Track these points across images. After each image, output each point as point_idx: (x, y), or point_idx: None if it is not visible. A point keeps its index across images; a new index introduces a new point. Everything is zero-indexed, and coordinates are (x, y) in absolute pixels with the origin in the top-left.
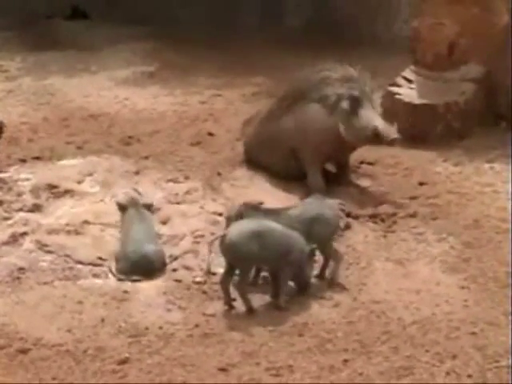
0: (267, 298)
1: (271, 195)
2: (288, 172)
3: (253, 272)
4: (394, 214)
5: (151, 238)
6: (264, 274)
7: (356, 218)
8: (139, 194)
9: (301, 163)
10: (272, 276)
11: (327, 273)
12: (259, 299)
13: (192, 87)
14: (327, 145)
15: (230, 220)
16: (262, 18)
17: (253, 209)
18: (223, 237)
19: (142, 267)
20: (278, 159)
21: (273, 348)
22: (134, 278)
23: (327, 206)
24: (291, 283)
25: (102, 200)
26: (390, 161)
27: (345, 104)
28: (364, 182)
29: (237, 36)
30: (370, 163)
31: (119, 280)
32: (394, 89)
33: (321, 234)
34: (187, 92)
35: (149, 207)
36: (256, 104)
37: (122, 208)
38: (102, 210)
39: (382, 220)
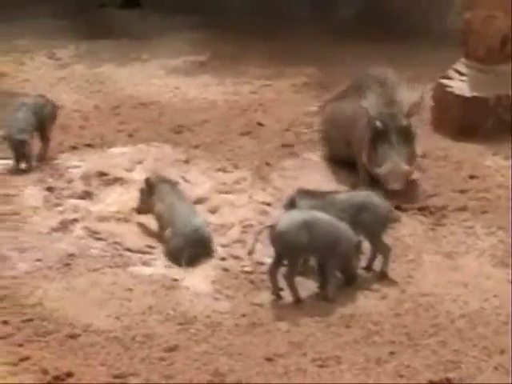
0: (315, 289)
1: (320, 186)
2: (341, 158)
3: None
4: (444, 207)
5: (195, 211)
6: (310, 264)
7: (405, 210)
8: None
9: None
10: (320, 267)
11: (376, 265)
12: (307, 289)
13: (242, 77)
14: None
15: (287, 208)
16: (312, 9)
17: (305, 194)
18: (272, 226)
19: (197, 240)
20: (337, 143)
21: (319, 339)
22: (188, 255)
23: (375, 195)
24: (338, 274)
25: None
26: (439, 153)
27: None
28: (413, 175)
29: (287, 26)
30: (419, 156)
31: (174, 263)
32: (446, 81)
33: (368, 222)
34: (237, 82)
35: (175, 185)
36: (306, 95)
37: (151, 186)
38: None
39: (431, 213)
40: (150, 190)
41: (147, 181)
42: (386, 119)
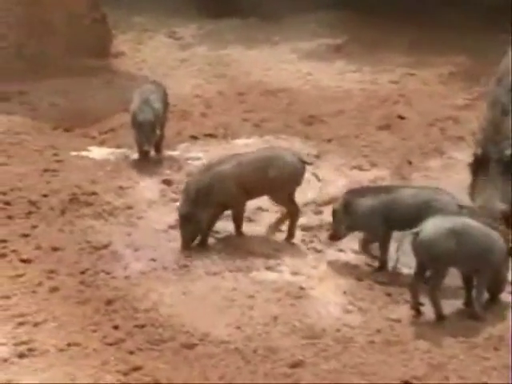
0: (459, 305)
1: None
2: None
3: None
4: None
5: None
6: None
7: None
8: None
9: None
10: (465, 280)
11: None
12: (450, 305)
13: (382, 64)
14: None
15: (336, 213)
16: None
17: (359, 193)
18: (416, 234)
19: None
20: None
21: (463, 362)
22: None
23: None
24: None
25: None
26: None
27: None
28: None
29: (433, 9)
30: None
31: None
32: None
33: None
34: (377, 69)
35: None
36: (453, 86)
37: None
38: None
39: None
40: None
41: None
42: (489, 146)
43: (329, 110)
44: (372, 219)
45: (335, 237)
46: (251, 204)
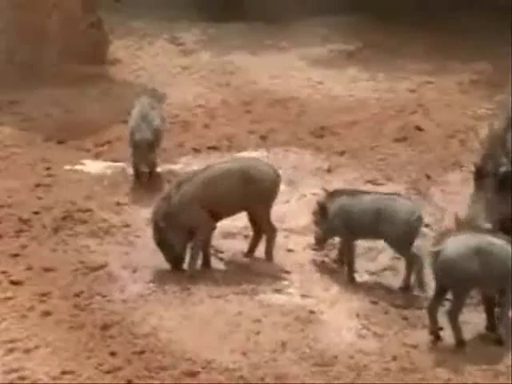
0: (481, 329)
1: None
2: None
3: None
4: None
5: None
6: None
7: None
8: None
9: None
10: (487, 302)
11: None
12: (471, 330)
13: (398, 72)
14: None
15: (315, 217)
16: None
17: (334, 195)
18: (437, 253)
19: None
20: None
21: None
22: None
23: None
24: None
25: (287, 201)
26: None
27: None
28: None
29: (449, 12)
30: None
31: None
32: None
33: (388, 231)
34: (392, 77)
35: None
36: (474, 94)
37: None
38: (286, 212)
39: None
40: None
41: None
42: (488, 159)
43: (341, 120)
44: (336, 224)
45: (318, 242)
46: None
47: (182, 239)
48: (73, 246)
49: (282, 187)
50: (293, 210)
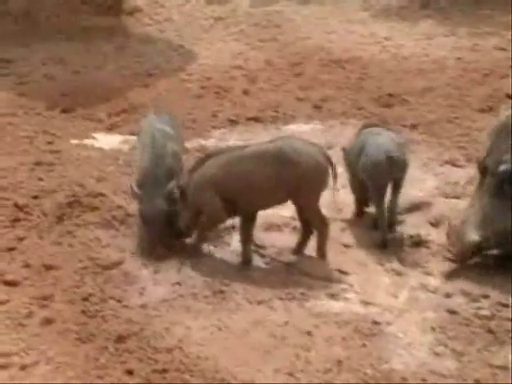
0: None
1: None
2: None
3: None
4: None
5: None
6: None
7: None
8: None
9: None
10: None
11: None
12: None
13: (484, 25)
14: None
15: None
16: None
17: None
18: None
19: None
20: None
21: None
22: None
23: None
24: None
25: (344, 186)
26: None
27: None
28: None
29: None
30: None
31: None
32: None
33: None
34: (477, 32)
35: None
36: None
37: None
38: (342, 201)
39: None
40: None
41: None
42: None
43: (413, 86)
44: None
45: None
46: None
47: (188, 218)
48: (80, 239)
49: (338, 169)
50: (351, 198)
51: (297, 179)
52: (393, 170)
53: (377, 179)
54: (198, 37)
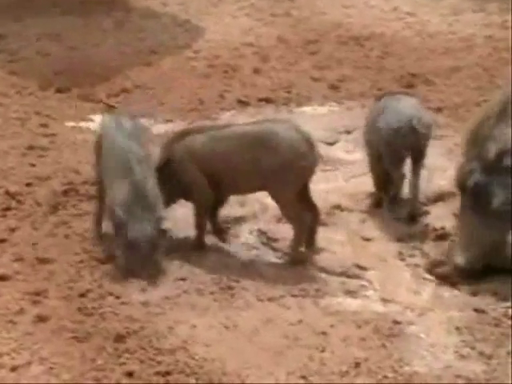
0: None
1: None
2: None
3: None
4: None
5: None
6: None
7: None
8: None
9: None
10: None
11: None
12: None
13: None
14: None
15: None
16: None
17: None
18: None
19: None
20: None
21: None
22: None
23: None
24: None
25: (365, 173)
26: None
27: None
28: None
29: None
30: None
31: None
32: None
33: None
34: (508, 8)
35: None
36: None
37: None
38: (363, 188)
39: None
40: None
41: None
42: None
43: (438, 65)
44: None
45: None
46: (327, 199)
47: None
48: (76, 230)
49: (357, 155)
50: (371, 184)
51: (273, 167)
52: (415, 137)
53: (396, 146)
54: (206, 11)
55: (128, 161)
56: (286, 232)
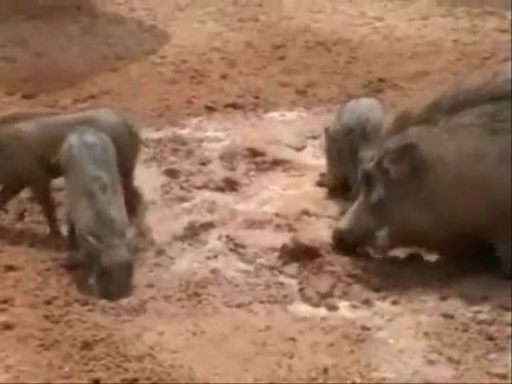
0: None
1: None
2: None
3: None
4: None
5: None
6: None
7: None
8: None
9: None
10: None
11: None
12: None
13: (484, 3)
14: None
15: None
16: None
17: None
18: None
19: None
20: None
21: None
22: None
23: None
24: None
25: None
26: None
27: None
28: None
29: None
30: None
31: None
32: None
33: None
34: (476, 12)
35: None
36: None
37: None
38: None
39: None
40: None
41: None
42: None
43: (406, 70)
44: None
45: None
46: (294, 204)
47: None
48: (43, 237)
49: (324, 160)
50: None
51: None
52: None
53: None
54: (172, 16)
55: (92, 189)
56: (254, 238)
